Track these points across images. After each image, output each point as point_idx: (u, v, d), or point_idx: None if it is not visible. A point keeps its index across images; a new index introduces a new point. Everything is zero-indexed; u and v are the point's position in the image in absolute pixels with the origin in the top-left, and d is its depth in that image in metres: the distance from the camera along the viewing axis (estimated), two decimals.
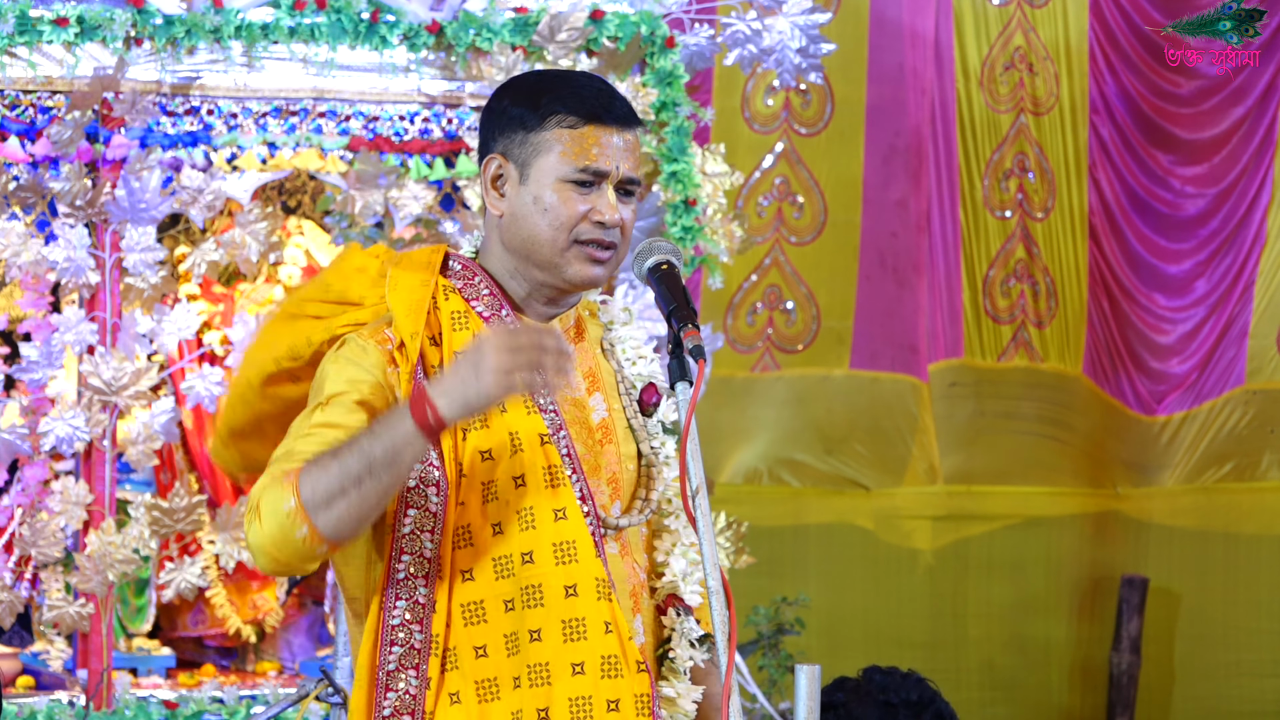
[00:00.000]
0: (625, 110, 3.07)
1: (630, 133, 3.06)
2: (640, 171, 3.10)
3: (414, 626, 2.94)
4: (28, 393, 6.11)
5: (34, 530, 6.06)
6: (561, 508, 2.96)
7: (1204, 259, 9.16)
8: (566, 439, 3.01)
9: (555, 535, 2.95)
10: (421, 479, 2.95)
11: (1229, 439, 9.16)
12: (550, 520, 2.95)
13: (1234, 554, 9.23)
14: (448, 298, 3.06)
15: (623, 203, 3.05)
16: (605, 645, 2.93)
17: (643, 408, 3.15)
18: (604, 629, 2.93)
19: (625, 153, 3.05)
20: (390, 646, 2.95)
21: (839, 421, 8.73)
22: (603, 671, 2.92)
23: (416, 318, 3.01)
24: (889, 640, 8.69)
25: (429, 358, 3.00)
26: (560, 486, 2.97)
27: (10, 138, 6.01)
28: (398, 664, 2.94)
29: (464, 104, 6.31)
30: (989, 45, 8.93)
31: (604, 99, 3.06)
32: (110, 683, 6.12)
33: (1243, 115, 9.12)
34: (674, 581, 3.10)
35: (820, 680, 4.63)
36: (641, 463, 3.11)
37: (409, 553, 2.95)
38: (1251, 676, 9.18)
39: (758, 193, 8.70)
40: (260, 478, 2.90)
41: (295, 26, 6.07)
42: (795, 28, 6.35)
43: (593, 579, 2.93)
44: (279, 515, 2.81)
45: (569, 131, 3.04)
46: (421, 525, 2.95)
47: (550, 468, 2.97)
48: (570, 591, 2.93)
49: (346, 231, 6.59)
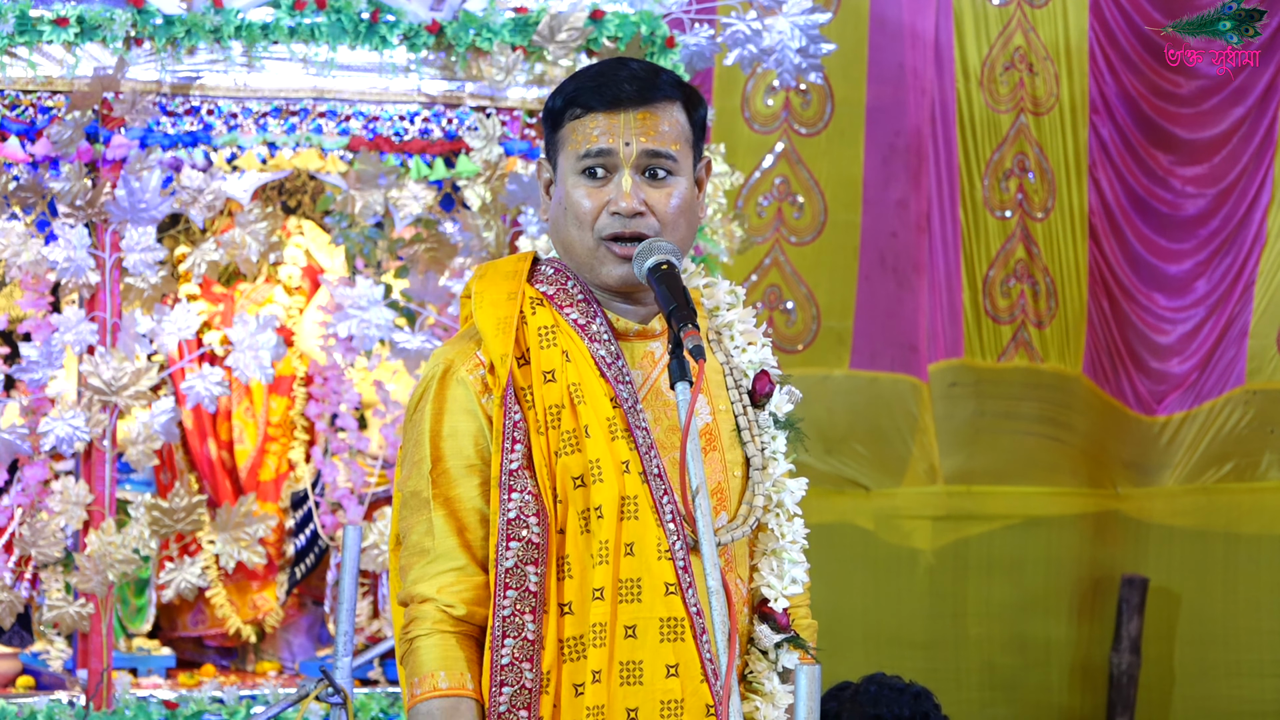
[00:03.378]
0: (638, 86, 2.88)
1: (648, 108, 2.88)
2: (677, 147, 2.89)
3: (524, 665, 2.85)
4: (28, 393, 6.11)
5: (34, 530, 6.06)
6: (630, 542, 2.84)
7: (1204, 259, 9.16)
8: (657, 460, 2.87)
9: (624, 571, 2.83)
10: (521, 509, 2.86)
11: (1229, 439, 9.16)
12: (621, 555, 2.84)
13: (1234, 554, 9.22)
14: (535, 311, 2.91)
15: (649, 185, 2.88)
16: (666, 690, 2.82)
17: (754, 398, 3.00)
18: (664, 673, 2.82)
19: (642, 127, 2.87)
20: (501, 688, 2.86)
21: (839, 421, 8.72)
22: (661, 717, 2.82)
23: (505, 338, 2.89)
24: (889, 640, 8.69)
25: (518, 380, 2.88)
26: (629, 519, 2.84)
27: (10, 138, 6.01)
28: (509, 705, 2.86)
29: (464, 104, 6.31)
30: (989, 45, 8.92)
31: (608, 79, 2.89)
32: (110, 683, 6.12)
33: (1243, 115, 9.12)
34: (759, 586, 2.99)
35: (820, 680, 4.61)
36: (751, 468, 2.96)
37: (514, 587, 2.86)
38: (1251, 676, 9.18)
39: (758, 193, 8.69)
40: (403, 556, 2.93)
41: (295, 26, 6.07)
42: (795, 28, 6.35)
43: (655, 620, 2.82)
44: (398, 624, 2.94)
45: (576, 122, 2.90)
46: (525, 557, 2.87)
47: (627, 498, 2.85)
48: (629, 633, 2.83)
49: (346, 231, 6.59)
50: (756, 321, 3.05)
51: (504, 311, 2.90)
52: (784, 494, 2.99)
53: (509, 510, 2.84)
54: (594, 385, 2.89)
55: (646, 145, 2.86)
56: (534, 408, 2.88)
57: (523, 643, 2.84)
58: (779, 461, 2.98)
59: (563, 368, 2.88)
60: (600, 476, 2.84)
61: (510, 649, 2.84)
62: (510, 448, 2.86)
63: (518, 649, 2.84)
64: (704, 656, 2.83)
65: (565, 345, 2.89)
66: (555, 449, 2.85)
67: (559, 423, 2.87)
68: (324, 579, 6.89)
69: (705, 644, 2.84)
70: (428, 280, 6.36)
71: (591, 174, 2.90)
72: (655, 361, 2.96)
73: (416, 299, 6.39)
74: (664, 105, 2.90)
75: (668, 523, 2.86)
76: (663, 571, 2.83)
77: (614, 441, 2.86)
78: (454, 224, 6.41)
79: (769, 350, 3.04)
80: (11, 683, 6.38)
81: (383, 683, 6.57)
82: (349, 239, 6.66)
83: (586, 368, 2.89)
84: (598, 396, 2.88)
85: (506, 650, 2.84)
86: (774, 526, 2.98)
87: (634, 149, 2.86)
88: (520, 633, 2.84)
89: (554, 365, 2.87)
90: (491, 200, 6.20)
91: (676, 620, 2.83)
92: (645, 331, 2.97)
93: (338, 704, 4.38)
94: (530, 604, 2.84)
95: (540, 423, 2.87)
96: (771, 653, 2.99)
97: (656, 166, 2.88)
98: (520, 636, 2.84)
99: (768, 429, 3.00)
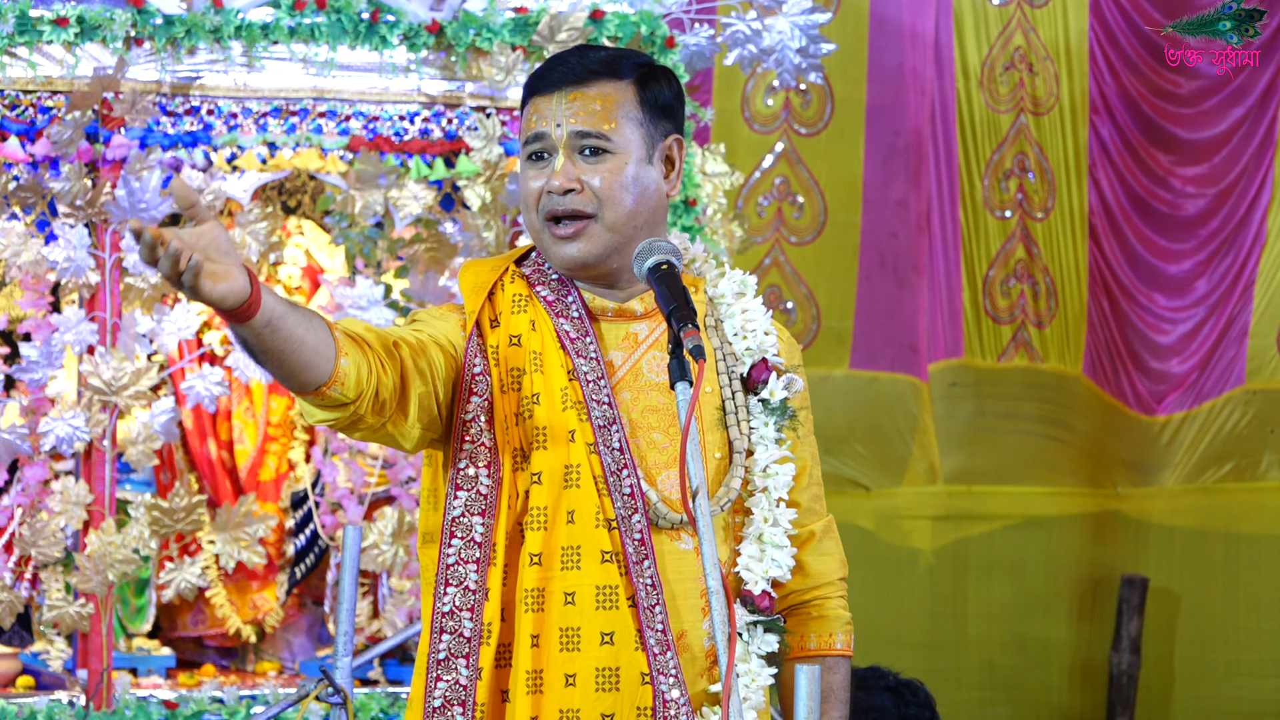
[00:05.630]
0: (577, 68, 2.94)
1: (584, 88, 2.93)
2: (608, 124, 2.93)
3: (464, 614, 2.89)
4: (28, 393, 6.11)
5: (34, 530, 6.06)
6: (572, 510, 2.89)
7: (1204, 259, 9.16)
8: (619, 435, 2.92)
9: (565, 539, 2.88)
10: (471, 458, 2.91)
11: (1229, 439, 9.16)
12: (563, 522, 2.89)
13: (1234, 554, 9.23)
14: (513, 281, 3.01)
15: (585, 162, 2.93)
16: (600, 657, 2.86)
17: (749, 384, 3.04)
18: (598, 640, 2.86)
19: (571, 109, 2.92)
20: (440, 634, 2.90)
21: (839, 421, 8.72)
22: (597, 684, 2.86)
23: (475, 298, 2.98)
24: (889, 640, 8.69)
25: (489, 338, 2.95)
26: (571, 488, 2.89)
27: (10, 138, 6.01)
28: (448, 652, 2.90)
29: (464, 104, 6.31)
30: (989, 45, 8.92)
31: (550, 63, 2.96)
32: (110, 683, 6.12)
33: (1243, 115, 9.12)
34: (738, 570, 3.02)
35: (820, 680, 4.63)
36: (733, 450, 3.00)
37: (459, 536, 2.91)
38: (1251, 676, 9.18)
39: (758, 193, 8.69)
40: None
41: (295, 26, 6.07)
42: (795, 28, 6.35)
43: (592, 587, 2.87)
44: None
45: (525, 109, 2.98)
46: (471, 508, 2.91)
47: (570, 466, 2.90)
48: (569, 599, 2.87)
49: (346, 231, 6.58)
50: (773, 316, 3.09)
51: (483, 279, 3.01)
52: (769, 480, 3.02)
53: (460, 460, 2.90)
54: (553, 356, 2.96)
55: (575, 126, 2.92)
56: (499, 366, 2.95)
57: (464, 592, 2.88)
58: (767, 448, 3.01)
59: (528, 335, 2.96)
60: (545, 444, 2.90)
61: (452, 597, 2.88)
62: (466, 397, 2.93)
63: (459, 597, 2.88)
64: (643, 625, 2.87)
65: (533, 315, 2.97)
66: (514, 410, 2.92)
67: (519, 386, 2.94)
68: (324, 579, 6.89)
69: (652, 614, 2.87)
70: (428, 280, 6.36)
71: (536, 158, 2.97)
72: (638, 343, 3.02)
73: (416, 299, 6.39)
74: (598, 84, 2.95)
75: (622, 495, 2.90)
76: (599, 540, 2.88)
77: (564, 411, 2.91)
78: (454, 224, 6.41)
79: (773, 338, 3.07)
80: (11, 683, 6.38)
81: (383, 683, 6.57)
82: (349, 239, 6.65)
83: (550, 339, 2.97)
84: (555, 368, 2.95)
85: (448, 598, 2.88)
86: (758, 512, 3.02)
87: (564, 130, 2.92)
88: (461, 582, 2.88)
89: (520, 331, 2.95)
90: (491, 200, 6.20)
91: (612, 589, 2.87)
92: (624, 311, 3.02)
93: (338, 704, 4.38)
94: (474, 554, 2.89)
95: (504, 382, 2.94)
96: (745, 633, 3.01)
97: (589, 145, 2.94)
98: (461, 586, 2.88)
99: (757, 414, 3.03)
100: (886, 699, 4.61)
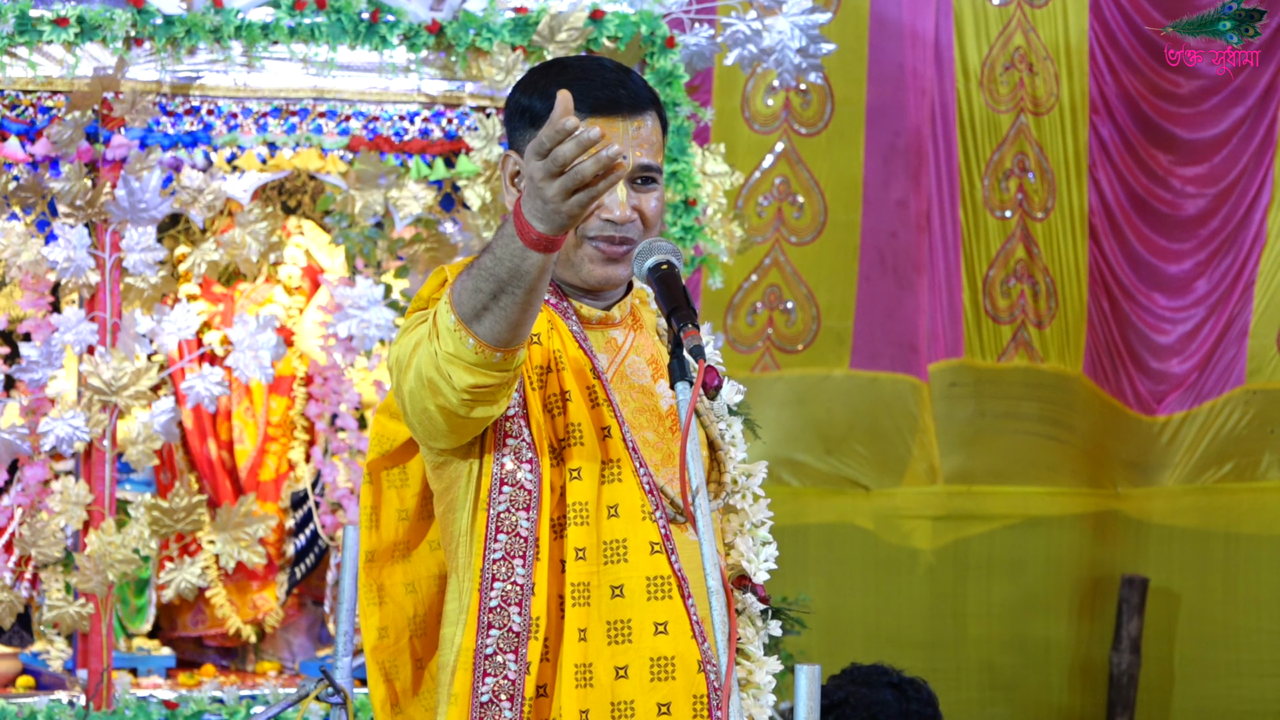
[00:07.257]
0: (635, 96, 2.97)
1: (642, 118, 2.97)
2: (660, 156, 3.00)
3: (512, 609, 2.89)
4: (28, 393, 6.11)
5: (34, 530, 6.06)
6: (614, 504, 2.92)
7: (1204, 259, 9.16)
8: (628, 431, 2.96)
9: (608, 533, 2.91)
10: (515, 454, 2.91)
11: (1229, 439, 9.16)
12: (605, 516, 2.92)
13: (1234, 554, 9.23)
14: None
15: (639, 192, 2.97)
16: (654, 647, 2.89)
17: (706, 390, 3.02)
18: (651, 630, 2.89)
19: (637, 141, 2.95)
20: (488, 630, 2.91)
21: (839, 421, 8.73)
22: (652, 674, 2.89)
23: None
24: (889, 640, 8.69)
25: None
26: (613, 482, 2.93)
27: (10, 138, 6.01)
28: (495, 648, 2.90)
29: (464, 104, 6.31)
30: (989, 45, 8.92)
31: (610, 87, 2.96)
32: (110, 683, 6.12)
33: (1243, 115, 9.12)
34: (739, 561, 3.08)
35: (820, 680, 4.64)
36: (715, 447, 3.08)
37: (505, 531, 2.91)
38: (1251, 676, 9.18)
39: (758, 193, 8.70)
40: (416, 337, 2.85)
41: (295, 26, 6.07)
42: (795, 28, 6.35)
43: (643, 579, 2.90)
44: (448, 329, 2.74)
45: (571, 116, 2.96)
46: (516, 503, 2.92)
47: (609, 461, 2.93)
48: (616, 593, 2.90)
49: (346, 231, 6.58)
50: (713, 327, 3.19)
51: None
52: (746, 478, 3.12)
53: (503, 456, 2.90)
54: (575, 354, 2.99)
55: (641, 159, 2.96)
56: (527, 364, 2.96)
57: (512, 587, 2.89)
58: (738, 446, 3.11)
59: (547, 334, 2.98)
60: (581, 440, 2.92)
61: (499, 592, 2.89)
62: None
63: (507, 593, 2.89)
64: (692, 616, 2.91)
65: (549, 316, 3.00)
66: (544, 407, 2.94)
67: (545, 384, 2.95)
68: (324, 579, 6.89)
69: (692, 606, 2.92)
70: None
71: None
72: (618, 348, 3.07)
73: None
74: (648, 114, 3.00)
75: (643, 491, 2.94)
76: (646, 532, 2.92)
77: (594, 409, 2.95)
78: (454, 224, 6.41)
79: (712, 346, 3.17)
80: (11, 683, 6.38)
81: None
82: (349, 239, 6.65)
83: (568, 340, 2.99)
84: (578, 367, 2.98)
85: (495, 593, 2.89)
86: (742, 508, 3.11)
87: (631, 161, 2.94)
88: (510, 577, 2.89)
89: (540, 330, 2.96)
90: (491, 200, 6.20)
91: (664, 579, 2.91)
92: (606, 319, 3.07)
93: (338, 704, 4.38)
94: (520, 549, 2.89)
95: (532, 380, 2.96)
96: (758, 620, 3.09)
97: (643, 176, 2.99)
98: (509, 580, 2.89)
99: (723, 417, 3.12)
100: (889, 695, 4.63)
